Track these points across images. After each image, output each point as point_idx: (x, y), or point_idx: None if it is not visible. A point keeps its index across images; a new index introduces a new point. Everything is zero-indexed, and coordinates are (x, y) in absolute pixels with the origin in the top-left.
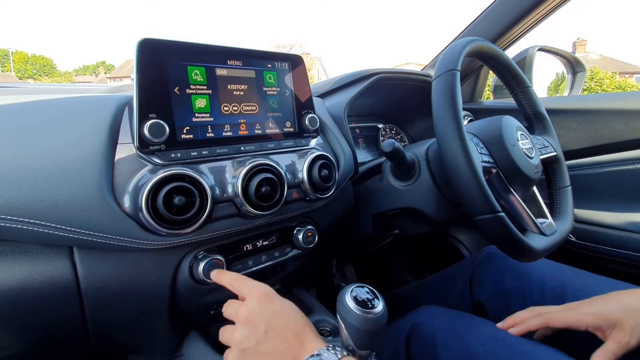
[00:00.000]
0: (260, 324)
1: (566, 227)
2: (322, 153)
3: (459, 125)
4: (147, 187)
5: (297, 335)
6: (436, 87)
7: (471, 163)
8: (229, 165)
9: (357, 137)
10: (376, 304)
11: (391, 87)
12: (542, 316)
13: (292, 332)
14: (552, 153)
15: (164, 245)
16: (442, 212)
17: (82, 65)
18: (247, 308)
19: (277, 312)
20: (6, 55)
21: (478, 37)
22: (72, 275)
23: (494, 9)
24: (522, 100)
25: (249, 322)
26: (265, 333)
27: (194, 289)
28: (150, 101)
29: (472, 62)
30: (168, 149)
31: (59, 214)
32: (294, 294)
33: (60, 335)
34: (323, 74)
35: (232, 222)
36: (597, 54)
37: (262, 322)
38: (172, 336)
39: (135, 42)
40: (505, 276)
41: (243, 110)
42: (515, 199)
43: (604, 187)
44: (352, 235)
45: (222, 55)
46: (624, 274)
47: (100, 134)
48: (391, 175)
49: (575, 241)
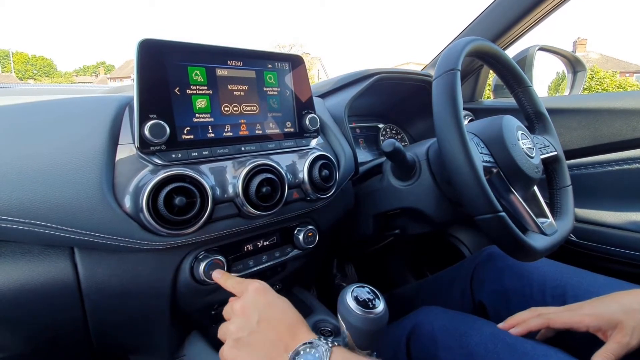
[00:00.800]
0: (254, 315)
1: (567, 226)
2: (322, 153)
3: (459, 125)
4: (147, 188)
5: (289, 327)
6: (436, 86)
7: (472, 163)
8: (229, 165)
9: (358, 137)
10: (377, 304)
11: (391, 87)
12: (543, 317)
13: (284, 323)
14: (553, 152)
15: (164, 246)
16: (442, 212)
17: (82, 66)
18: (241, 301)
19: (270, 303)
20: (6, 55)
21: (478, 37)
22: (73, 276)
23: (494, 8)
24: (523, 100)
25: (243, 313)
26: (258, 323)
27: (195, 289)
28: (151, 102)
29: (473, 62)
30: (169, 149)
31: (59, 214)
32: (295, 294)
33: (61, 335)
34: (323, 73)
35: (233, 223)
36: (598, 53)
37: (255, 313)
38: (173, 336)
39: (135, 43)
40: (506, 276)
41: (243, 110)
42: (516, 199)
43: (604, 186)
44: (353, 235)
45: (222, 55)
46: (624, 273)
47: (100, 134)
48: (392, 175)
49: (576, 241)
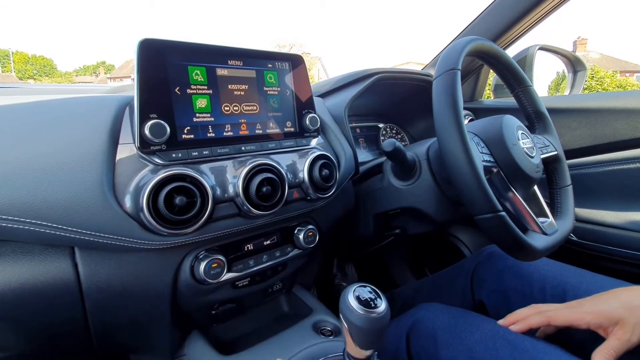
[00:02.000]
0: None
1: (567, 226)
2: (322, 153)
3: (459, 124)
4: (148, 187)
5: None
6: (437, 86)
7: (472, 162)
8: (229, 165)
9: (358, 137)
10: (379, 303)
11: (392, 87)
12: (543, 314)
13: None
14: (553, 152)
15: (165, 245)
16: (443, 212)
17: (82, 66)
18: None
19: None
20: (7, 55)
21: (478, 37)
22: (73, 276)
23: (495, 8)
24: (523, 100)
25: None
26: None
27: (195, 288)
28: (151, 101)
29: (473, 62)
30: (169, 149)
31: (60, 214)
32: (295, 294)
33: (61, 335)
34: (323, 73)
35: (233, 222)
36: (598, 53)
37: None
38: (173, 336)
39: (136, 43)
40: (506, 275)
41: (244, 110)
42: (516, 198)
43: (605, 186)
44: (353, 235)
45: (222, 55)
46: (625, 273)
47: (101, 134)
48: (392, 175)
49: (576, 240)
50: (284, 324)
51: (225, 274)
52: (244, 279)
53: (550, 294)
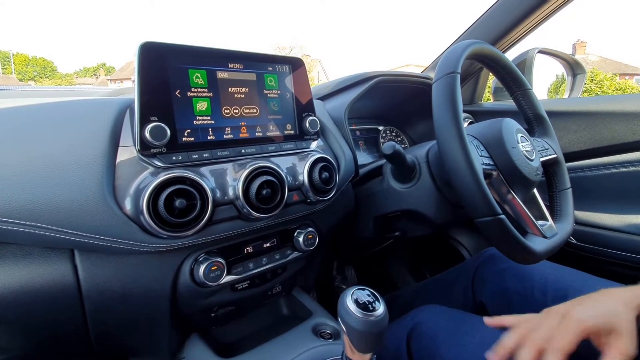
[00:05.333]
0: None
1: (567, 229)
2: (322, 155)
3: (459, 127)
4: (148, 190)
5: None
6: (436, 89)
7: (472, 165)
8: (229, 167)
9: (358, 140)
10: (377, 306)
11: (392, 90)
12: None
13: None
14: (553, 155)
15: (165, 248)
16: (442, 214)
17: (82, 67)
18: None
19: None
20: (7, 57)
21: (478, 40)
22: (73, 278)
23: (494, 11)
24: (522, 103)
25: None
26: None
27: (195, 291)
28: (152, 104)
29: (472, 65)
30: (169, 151)
31: (60, 216)
32: (295, 296)
33: (61, 337)
34: (323, 75)
35: (233, 225)
36: (597, 56)
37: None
38: (173, 338)
39: (136, 46)
40: (507, 277)
41: (244, 113)
42: (516, 201)
43: (604, 189)
44: (353, 238)
45: (223, 58)
46: (625, 276)
47: (101, 136)
48: (392, 178)
49: (575, 243)
50: (284, 326)
51: (224, 277)
52: (243, 281)
53: (552, 296)
